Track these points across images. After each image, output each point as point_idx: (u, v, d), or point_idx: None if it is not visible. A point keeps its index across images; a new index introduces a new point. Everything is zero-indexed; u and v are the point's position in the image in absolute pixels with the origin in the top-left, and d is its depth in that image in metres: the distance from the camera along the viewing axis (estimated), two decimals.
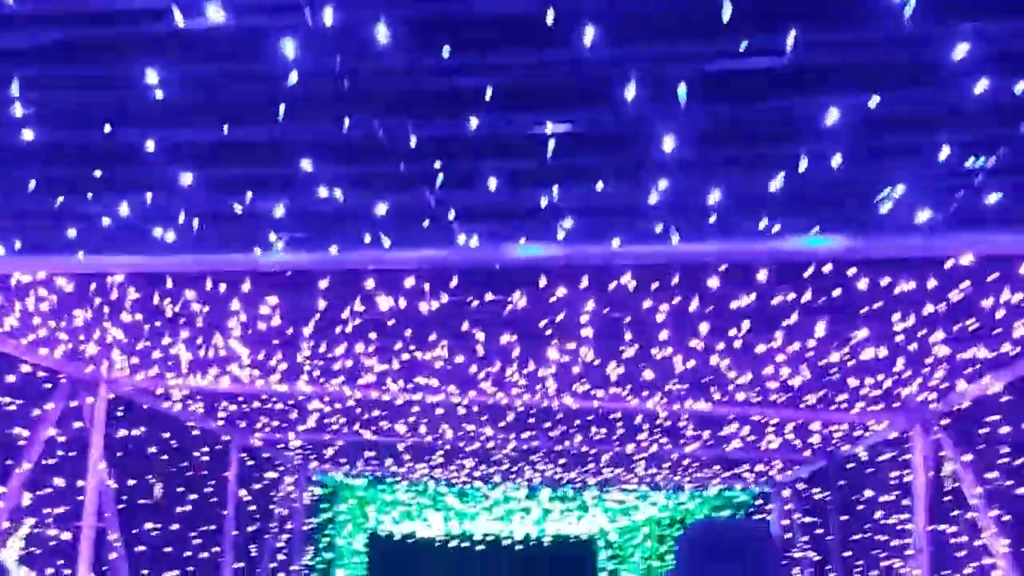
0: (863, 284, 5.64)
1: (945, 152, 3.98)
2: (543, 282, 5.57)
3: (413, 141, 3.91)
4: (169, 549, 10.82)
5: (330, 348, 6.99)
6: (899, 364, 7.65)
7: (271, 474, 13.71)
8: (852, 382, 8.51)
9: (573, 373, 7.59)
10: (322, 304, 5.97)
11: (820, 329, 6.33)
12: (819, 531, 13.62)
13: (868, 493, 11.71)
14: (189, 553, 11.06)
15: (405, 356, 7.23)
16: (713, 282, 5.66)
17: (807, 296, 5.72)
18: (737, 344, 6.86)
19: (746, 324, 6.34)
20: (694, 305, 5.89)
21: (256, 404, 9.97)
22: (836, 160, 4.14)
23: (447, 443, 12.15)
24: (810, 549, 14.02)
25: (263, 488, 13.47)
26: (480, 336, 6.63)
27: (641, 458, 13.07)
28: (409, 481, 16.39)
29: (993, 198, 4.38)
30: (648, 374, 7.68)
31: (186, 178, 4.33)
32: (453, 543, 26.51)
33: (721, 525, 2.82)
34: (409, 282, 5.62)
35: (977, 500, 8.82)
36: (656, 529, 22.53)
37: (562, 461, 13.63)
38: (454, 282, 5.62)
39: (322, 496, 16.35)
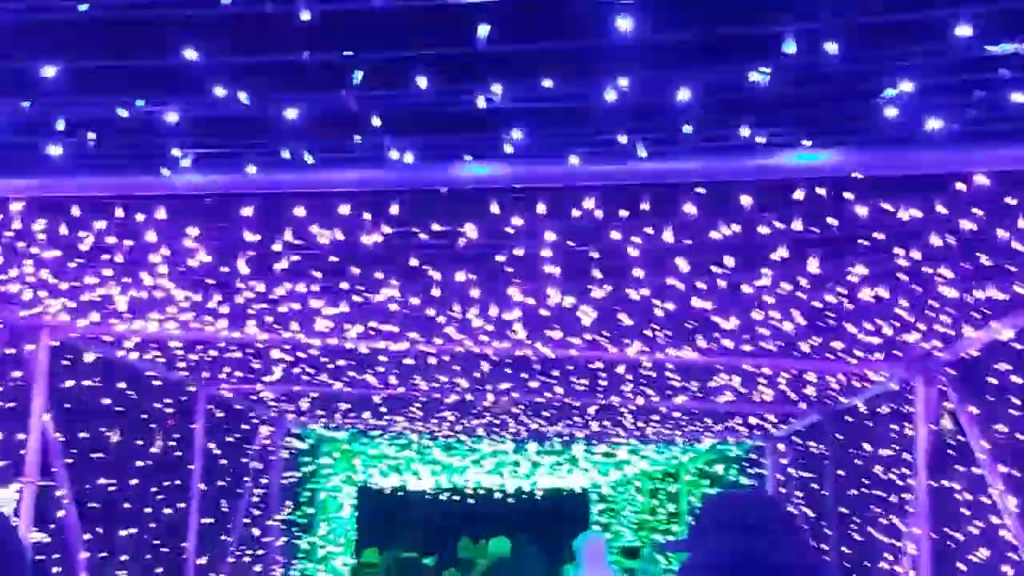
0: (861, 211, 4.90)
1: (963, 32, 3.22)
2: (495, 209, 4.84)
3: (307, 15, 3.15)
4: (128, 506, 10.15)
5: (270, 288, 6.25)
6: (901, 308, 6.92)
7: (245, 427, 13.05)
8: (850, 328, 7.78)
9: (541, 316, 6.86)
10: (250, 237, 5.23)
11: (813, 265, 5.58)
12: (815, 486, 12.97)
13: (867, 447, 11.02)
14: (150, 509, 10.40)
15: (357, 299, 6.49)
16: (689, 208, 4.92)
17: (797, 225, 4.98)
18: (722, 284, 6.13)
19: (730, 261, 5.59)
20: (669, 235, 5.14)
21: (214, 353, 9.26)
22: (831, 49, 3.39)
23: (422, 395, 11.46)
24: (804, 504, 13.38)
25: (236, 441, 12.81)
26: (434, 275, 5.90)
27: (628, 411, 12.38)
28: (392, 434, 15.75)
29: (1021, 98, 3.62)
30: (625, 319, 6.95)
31: (48, 71, 3.58)
32: (444, 496, 26.00)
33: (736, 497, 2.86)
34: (344, 209, 4.89)
35: (984, 456, 8.13)
36: (648, 483, 21.95)
37: (546, 414, 12.94)
38: (395, 209, 4.88)
39: (303, 449, 15.70)
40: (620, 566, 16.02)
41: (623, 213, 4.98)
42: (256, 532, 13.44)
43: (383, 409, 12.73)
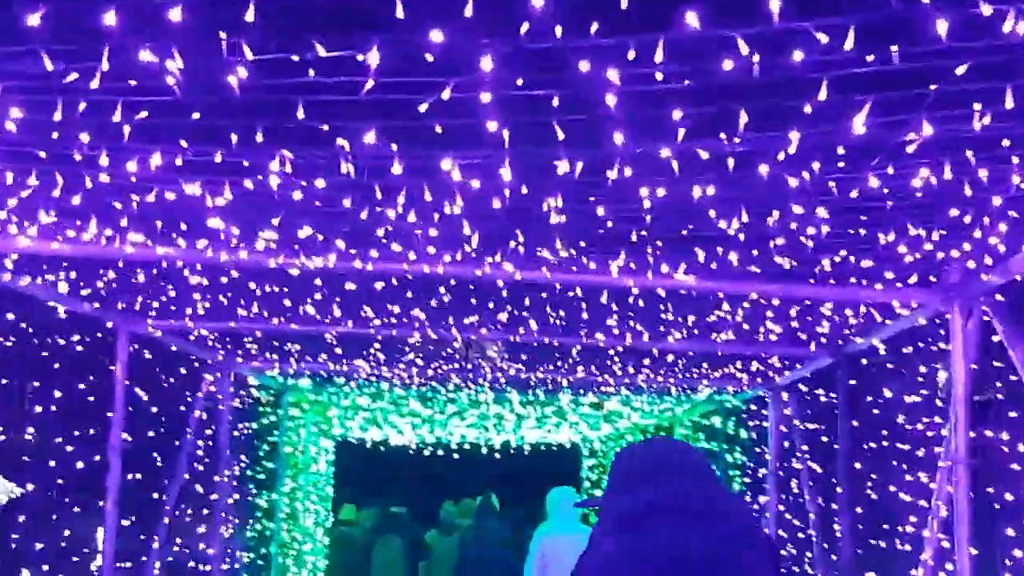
0: (941, 26, 3.25)
1: None
2: (401, 13, 3.17)
3: None
4: (27, 459, 8.55)
5: (117, 162, 4.56)
6: (958, 202, 5.28)
7: (184, 371, 11.42)
8: (885, 240, 6.15)
9: (495, 214, 5.18)
10: (49, 65, 3.53)
11: (859, 122, 3.92)
12: (824, 439, 11.42)
13: (887, 394, 9.43)
14: (54, 463, 8.79)
15: (247, 184, 4.80)
16: (691, 18, 3.26)
17: (848, 45, 3.31)
18: (730, 163, 4.47)
19: (743, 116, 3.93)
20: (656, 71, 3.48)
21: (112, 275, 7.59)
22: None
23: (377, 332, 9.84)
24: (811, 459, 11.84)
25: (173, 387, 11.20)
26: (341, 143, 4.23)
27: (616, 353, 10.77)
28: (361, 382, 14.15)
29: None
30: (602, 213, 5.27)
31: None
32: (427, 452, 24.47)
33: (643, 446, 2.73)
34: (175, 15, 3.22)
35: None
36: (640, 437, 20.41)
37: (524, 357, 11.33)
38: (250, 15, 3.20)
39: (262, 399, 14.09)
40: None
41: (590, 28, 3.31)
42: (200, 489, 11.86)
43: (339, 351, 11.11)
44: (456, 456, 24.04)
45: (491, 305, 8.15)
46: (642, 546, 2.39)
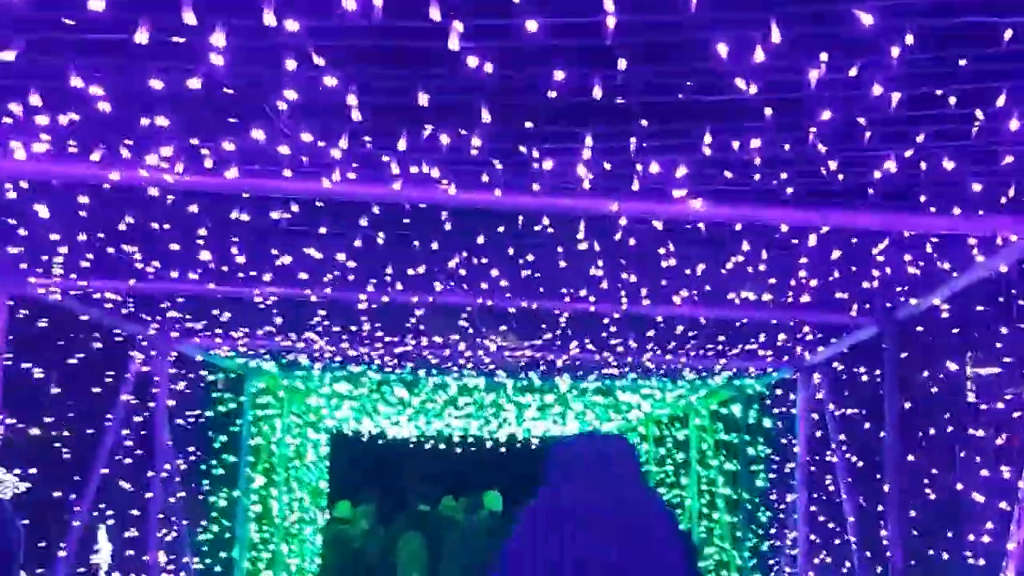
0: None
1: None
2: None
3: None
4: None
5: None
6: None
7: (98, 345, 9.43)
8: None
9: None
10: None
11: None
12: (865, 426, 9.34)
13: (951, 367, 7.33)
14: None
15: None
16: None
17: None
18: None
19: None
20: None
21: None
22: None
23: (318, 295, 7.83)
24: (849, 451, 9.76)
25: (87, 365, 9.22)
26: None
27: (613, 322, 8.67)
28: (329, 364, 12.14)
29: None
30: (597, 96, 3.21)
31: None
32: (428, 446, 22.46)
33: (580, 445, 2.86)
34: None
35: None
36: (654, 430, 18.30)
37: (503, 328, 9.26)
38: None
39: (219, 383, 12.06)
40: None
41: None
42: (127, 486, 9.89)
43: (279, 319, 9.08)
44: (459, 450, 22.07)
45: (434, 246, 6.09)
46: (549, 553, 2.57)
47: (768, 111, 4.06)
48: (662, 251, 6.24)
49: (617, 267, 6.66)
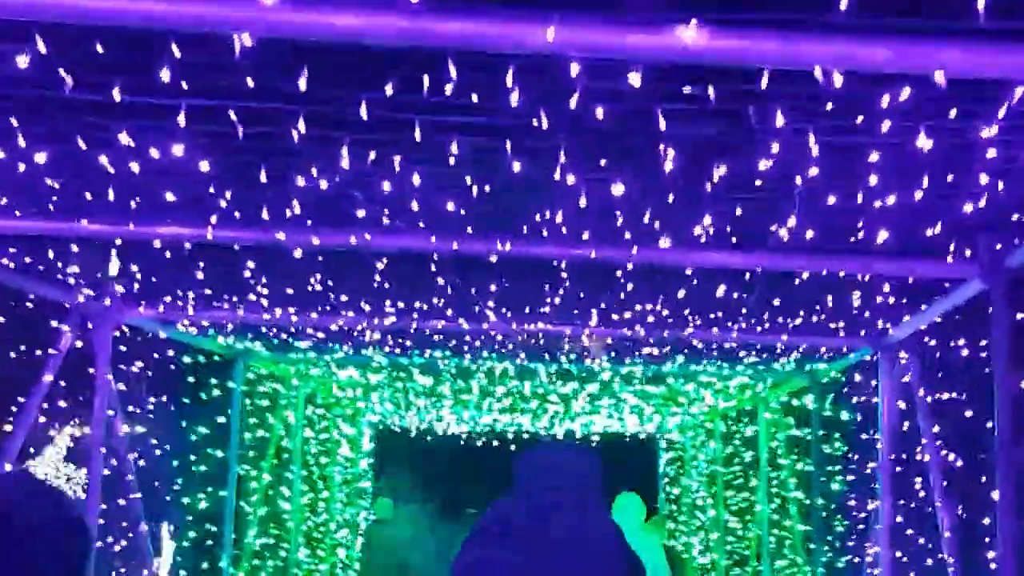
0: None
1: None
2: None
3: None
4: None
5: None
6: None
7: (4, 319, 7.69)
8: None
9: None
10: None
11: None
12: (967, 414, 7.13)
13: None
14: None
15: None
16: None
17: None
18: None
19: None
20: None
21: None
22: None
23: (252, 238, 5.96)
24: (946, 447, 7.56)
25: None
26: None
27: (624, 276, 6.57)
28: (326, 346, 10.31)
29: None
30: None
31: None
32: (479, 443, 20.59)
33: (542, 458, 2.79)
34: None
35: None
36: (721, 425, 16.10)
37: (504, 281, 7.19)
38: None
39: (197, 363, 10.29)
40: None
41: None
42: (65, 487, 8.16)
43: (201, 274, 7.17)
44: (512, 447, 20.16)
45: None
46: (496, 567, 2.51)
47: None
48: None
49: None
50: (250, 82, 3.56)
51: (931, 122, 3.69)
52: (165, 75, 3.47)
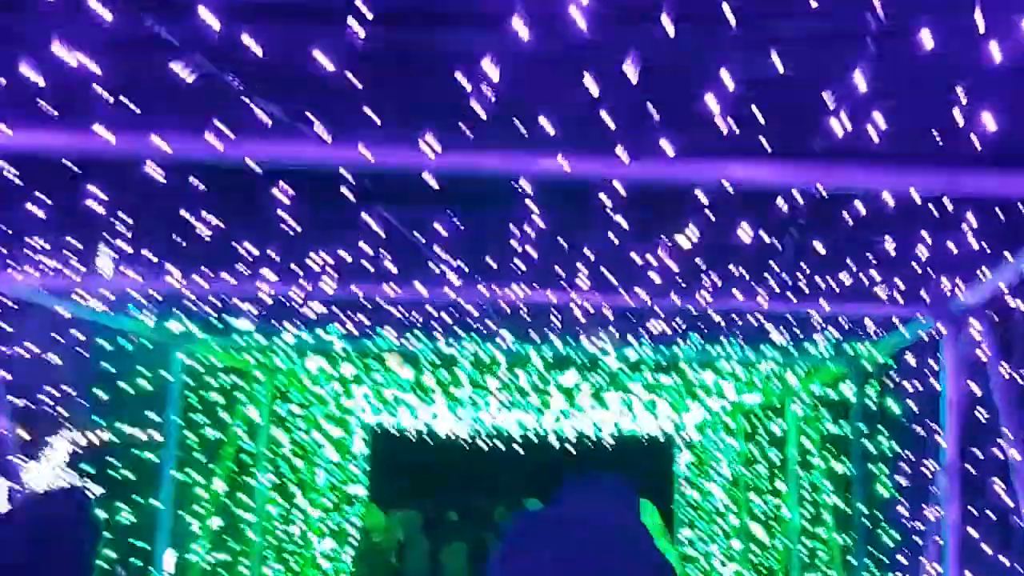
0: None
1: None
2: None
3: None
4: None
5: None
6: None
7: None
8: None
9: None
10: None
11: None
12: None
13: None
14: None
15: None
16: None
17: None
18: None
19: None
20: None
21: None
22: None
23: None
24: None
25: None
26: None
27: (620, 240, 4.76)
28: (270, 324, 8.57)
29: None
30: None
31: None
32: (483, 444, 18.80)
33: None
34: None
35: None
36: (743, 423, 14.25)
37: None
38: None
39: (116, 349, 8.54)
40: None
41: None
42: None
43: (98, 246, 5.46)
44: (521, 451, 18.43)
45: None
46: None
47: None
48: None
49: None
50: None
51: None
52: None
